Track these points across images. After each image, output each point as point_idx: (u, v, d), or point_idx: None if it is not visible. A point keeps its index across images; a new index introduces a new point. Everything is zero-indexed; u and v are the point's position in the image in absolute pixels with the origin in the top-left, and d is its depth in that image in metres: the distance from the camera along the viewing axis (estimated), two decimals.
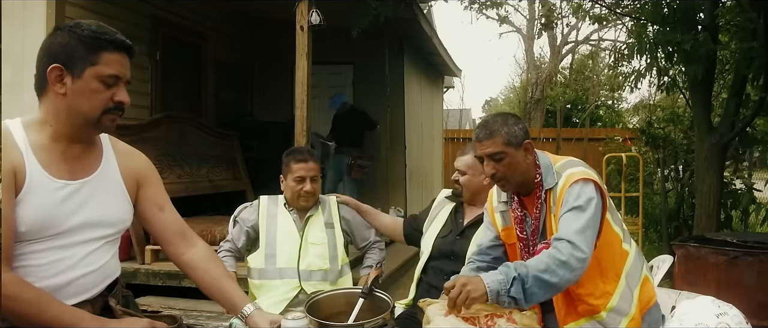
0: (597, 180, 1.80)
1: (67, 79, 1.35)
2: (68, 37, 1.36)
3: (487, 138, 1.84)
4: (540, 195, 1.87)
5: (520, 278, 1.63)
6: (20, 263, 1.34)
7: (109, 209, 1.50)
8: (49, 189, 1.36)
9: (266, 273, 2.49)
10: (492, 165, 1.84)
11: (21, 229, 1.31)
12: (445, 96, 13.61)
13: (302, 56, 4.30)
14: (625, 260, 1.86)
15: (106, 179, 1.50)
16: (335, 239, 2.57)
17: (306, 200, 2.55)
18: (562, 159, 1.92)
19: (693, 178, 6.12)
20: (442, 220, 2.51)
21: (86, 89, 1.36)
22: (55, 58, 1.35)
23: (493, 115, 1.95)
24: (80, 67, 1.35)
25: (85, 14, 4.72)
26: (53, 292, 1.36)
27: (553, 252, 1.67)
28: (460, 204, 2.52)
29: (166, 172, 4.87)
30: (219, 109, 6.89)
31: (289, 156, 2.60)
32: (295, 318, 1.64)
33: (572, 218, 1.71)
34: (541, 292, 1.65)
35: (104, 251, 1.50)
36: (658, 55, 4.85)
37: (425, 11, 7.65)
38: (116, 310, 1.49)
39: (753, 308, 2.82)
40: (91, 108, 1.37)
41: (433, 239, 2.44)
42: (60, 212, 1.37)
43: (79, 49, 1.35)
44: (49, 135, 1.39)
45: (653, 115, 8.16)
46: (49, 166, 1.37)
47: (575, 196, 1.75)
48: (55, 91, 1.36)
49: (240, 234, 2.58)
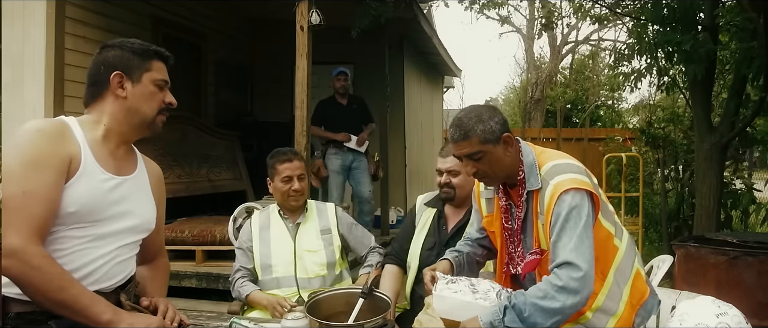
0: (585, 185, 1.70)
1: (127, 84, 1.57)
2: (121, 50, 1.59)
3: (463, 139, 1.73)
4: (522, 193, 1.78)
5: (516, 308, 1.58)
6: (55, 246, 1.44)
7: (142, 207, 1.65)
8: (98, 179, 1.51)
9: (264, 284, 2.50)
10: (472, 164, 1.76)
11: (71, 209, 1.44)
12: (445, 96, 13.63)
13: (302, 56, 4.30)
14: (615, 256, 1.79)
15: (142, 182, 1.68)
16: (333, 245, 2.56)
17: (296, 200, 2.55)
18: (547, 159, 1.79)
19: (693, 178, 6.12)
20: (426, 228, 2.46)
21: (145, 92, 1.59)
22: (115, 67, 1.56)
23: (466, 111, 1.78)
24: (138, 73, 1.58)
25: (86, 14, 4.72)
26: (77, 277, 1.46)
27: (551, 278, 1.61)
28: (442, 210, 2.47)
29: (166, 172, 4.87)
30: (219, 109, 6.90)
31: (273, 158, 2.59)
32: (295, 318, 1.64)
33: (565, 236, 1.64)
34: (544, 319, 1.59)
35: (130, 248, 1.63)
36: (658, 56, 4.84)
37: (425, 11, 7.65)
38: (126, 306, 1.57)
39: (753, 308, 2.82)
40: (149, 108, 1.60)
41: (418, 252, 2.40)
42: (105, 199, 1.52)
43: (134, 59, 1.58)
44: (102, 134, 1.56)
45: (653, 115, 8.16)
46: (100, 159, 1.53)
47: (566, 209, 1.65)
48: (116, 94, 1.56)
49: (246, 258, 2.56)
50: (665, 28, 4.77)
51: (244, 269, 2.53)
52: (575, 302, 1.59)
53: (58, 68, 4.37)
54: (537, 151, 1.82)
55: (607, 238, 1.78)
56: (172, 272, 4.24)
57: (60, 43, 4.41)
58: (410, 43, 7.69)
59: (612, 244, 1.79)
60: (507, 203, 1.87)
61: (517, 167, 1.78)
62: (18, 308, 1.41)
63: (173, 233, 4.26)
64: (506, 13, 10.62)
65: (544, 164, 1.77)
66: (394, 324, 1.95)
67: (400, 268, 2.51)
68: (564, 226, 1.64)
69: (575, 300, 1.59)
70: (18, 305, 1.40)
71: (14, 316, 1.40)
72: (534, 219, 1.78)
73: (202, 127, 5.74)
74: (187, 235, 4.30)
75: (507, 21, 9.75)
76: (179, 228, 4.35)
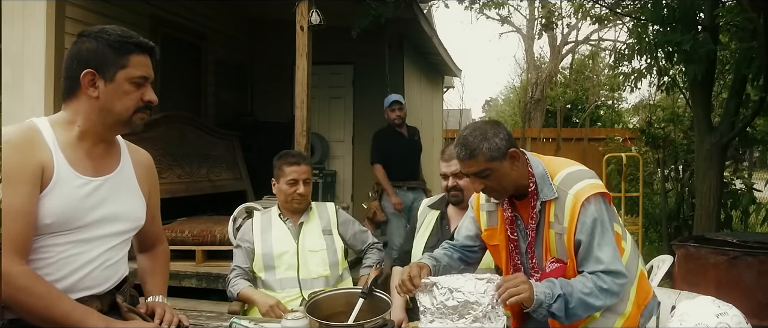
0: (601, 188, 1.76)
1: (99, 83, 1.43)
2: (96, 43, 1.44)
3: (469, 158, 1.76)
4: (535, 204, 1.80)
5: (565, 297, 1.65)
6: (40, 255, 1.40)
7: (127, 205, 1.57)
8: (74, 185, 1.43)
9: (267, 284, 2.50)
10: (479, 181, 1.79)
11: (46, 221, 1.38)
12: (445, 96, 13.61)
13: (302, 56, 4.30)
14: (622, 258, 1.82)
15: (125, 178, 1.59)
16: (335, 245, 2.56)
17: (299, 203, 2.55)
18: (558, 167, 1.83)
19: (693, 178, 6.12)
20: (429, 229, 2.47)
21: (118, 91, 1.45)
22: (87, 64, 1.43)
23: (470, 130, 1.80)
24: (112, 71, 1.44)
25: (85, 14, 4.72)
26: (68, 284, 1.43)
27: (595, 279, 1.69)
28: (445, 211, 2.47)
29: (166, 172, 4.88)
30: (219, 109, 6.89)
31: (281, 159, 2.58)
32: (295, 318, 1.64)
33: (603, 244, 1.71)
34: (583, 313, 1.70)
35: (118, 249, 1.57)
36: (658, 56, 4.84)
37: (425, 11, 7.65)
38: (122, 307, 1.54)
39: (753, 308, 2.82)
40: (124, 108, 1.47)
41: (421, 251, 2.41)
42: (83, 206, 1.45)
43: (109, 54, 1.43)
44: (77, 134, 1.47)
45: (653, 115, 8.15)
46: (75, 163, 1.45)
47: (592, 218, 1.71)
48: (88, 94, 1.44)
49: (245, 257, 2.56)
50: (665, 28, 4.77)
51: (238, 268, 2.53)
52: (612, 303, 1.73)
53: (57, 68, 4.37)
54: (545, 161, 1.86)
55: (616, 240, 1.82)
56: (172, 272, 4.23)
57: (60, 43, 4.41)
58: (410, 43, 7.69)
59: (620, 246, 1.83)
60: (512, 214, 1.89)
61: (526, 179, 1.81)
62: (11, 315, 1.38)
63: (173, 233, 4.26)
64: (506, 13, 10.62)
65: (557, 174, 1.81)
66: (393, 324, 1.95)
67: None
68: (597, 234, 1.72)
69: (613, 301, 1.73)
70: (11, 311, 1.38)
71: (7, 324, 1.38)
72: (545, 228, 1.80)
73: (202, 127, 5.74)
74: (187, 235, 4.30)
75: (507, 21, 9.77)
76: (179, 228, 4.35)
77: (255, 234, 2.57)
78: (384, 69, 6.71)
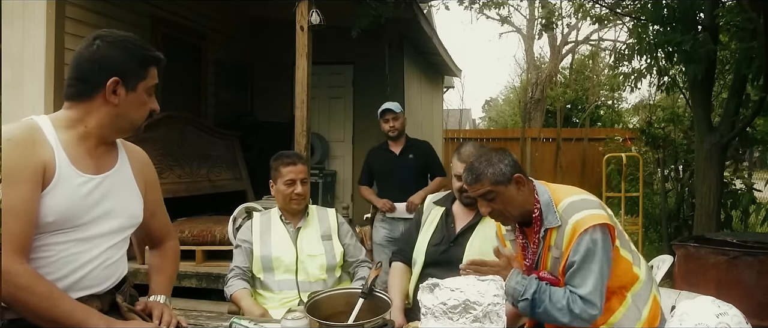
0: (603, 219, 1.79)
1: (120, 91, 1.47)
2: (124, 53, 1.49)
3: (475, 182, 1.86)
4: (538, 230, 1.87)
5: (534, 301, 1.77)
6: (41, 254, 1.40)
7: (125, 202, 1.59)
8: (76, 183, 1.45)
9: (265, 285, 2.50)
10: (486, 204, 1.87)
11: (48, 219, 1.39)
12: (445, 96, 13.62)
13: (302, 56, 4.30)
14: (635, 283, 1.89)
15: (123, 175, 1.61)
16: (334, 250, 2.55)
17: (297, 203, 2.54)
18: (563, 196, 1.89)
19: (693, 178, 6.12)
20: (433, 225, 2.46)
21: (137, 101, 1.51)
22: (113, 72, 1.46)
23: (478, 156, 1.93)
24: (134, 81, 1.50)
25: (85, 14, 4.72)
26: (68, 283, 1.44)
27: (570, 300, 1.77)
28: (451, 208, 2.47)
29: (166, 172, 4.88)
30: (219, 109, 6.90)
31: (278, 160, 2.58)
32: (295, 318, 1.64)
33: (588, 273, 1.77)
34: (547, 319, 1.79)
35: (118, 248, 1.58)
36: (658, 56, 4.84)
37: (425, 11, 7.65)
38: (122, 307, 1.55)
39: (753, 308, 2.82)
40: (139, 117, 1.54)
41: (424, 247, 2.40)
42: (84, 204, 1.46)
43: (134, 66, 1.50)
44: (80, 134, 1.49)
45: (653, 115, 8.15)
46: (76, 161, 1.46)
47: (585, 247, 1.77)
48: (108, 100, 1.47)
49: (245, 257, 2.55)
50: (665, 28, 4.77)
51: (238, 268, 2.53)
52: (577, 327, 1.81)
53: (58, 68, 4.37)
54: (551, 189, 1.93)
55: (627, 268, 1.88)
56: None
57: (60, 43, 4.41)
58: (410, 43, 7.69)
59: (632, 272, 1.89)
60: (523, 241, 1.97)
61: (531, 205, 1.88)
62: (11, 315, 1.38)
63: None
64: (506, 13, 10.63)
65: (561, 202, 1.87)
66: (393, 324, 1.95)
67: (407, 265, 2.51)
68: (586, 262, 1.78)
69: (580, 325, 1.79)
70: (11, 311, 1.38)
71: (7, 324, 1.38)
72: (544, 252, 1.88)
73: (202, 127, 5.74)
74: (187, 235, 4.30)
75: (507, 21, 9.78)
76: (179, 228, 4.35)
77: (254, 235, 2.56)
78: (384, 69, 6.71)
